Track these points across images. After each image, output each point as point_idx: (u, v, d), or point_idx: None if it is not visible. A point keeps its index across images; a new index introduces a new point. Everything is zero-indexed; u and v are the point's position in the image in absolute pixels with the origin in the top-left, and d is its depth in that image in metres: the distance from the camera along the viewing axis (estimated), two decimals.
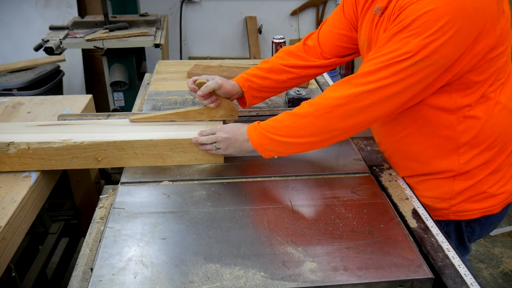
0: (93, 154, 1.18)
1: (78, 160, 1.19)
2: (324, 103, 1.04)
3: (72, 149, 1.17)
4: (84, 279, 0.90)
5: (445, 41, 0.92)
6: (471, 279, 0.88)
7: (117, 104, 3.02)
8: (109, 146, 1.18)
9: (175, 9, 4.03)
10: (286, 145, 1.10)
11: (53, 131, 1.23)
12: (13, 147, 1.15)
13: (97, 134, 1.22)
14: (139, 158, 1.21)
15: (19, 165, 1.18)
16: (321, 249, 0.93)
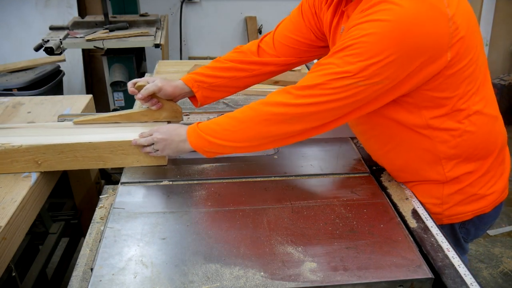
0: (32, 157, 1.17)
1: (18, 164, 1.17)
2: (264, 110, 1.05)
3: (11, 153, 1.15)
4: (84, 279, 0.90)
5: (385, 65, 0.92)
6: (471, 279, 0.88)
7: (117, 104, 3.02)
8: (48, 149, 1.17)
9: (175, 9, 4.03)
10: (225, 148, 1.11)
11: (5, 135, 1.22)
12: None
13: (38, 137, 1.20)
14: (79, 161, 1.20)
15: None
16: (321, 249, 0.93)
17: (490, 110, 1.08)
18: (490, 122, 1.09)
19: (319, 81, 0.97)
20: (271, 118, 1.04)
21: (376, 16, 0.92)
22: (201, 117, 1.40)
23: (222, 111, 1.45)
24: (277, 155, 1.31)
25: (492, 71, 4.44)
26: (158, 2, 3.91)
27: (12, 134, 1.23)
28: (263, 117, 1.05)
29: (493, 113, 1.10)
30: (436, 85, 1.00)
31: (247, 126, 1.07)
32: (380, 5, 0.92)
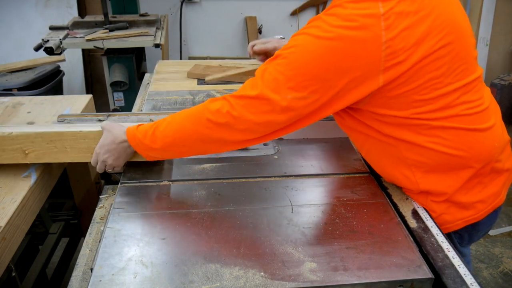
0: (20, 146, 1.15)
1: (5, 153, 1.16)
2: (202, 115, 1.03)
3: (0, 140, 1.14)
4: (84, 279, 0.90)
5: (308, 79, 0.93)
6: (471, 279, 0.88)
7: (117, 104, 3.02)
8: (37, 137, 1.15)
9: (175, 9, 4.03)
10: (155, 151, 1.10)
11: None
12: None
13: (28, 127, 1.20)
14: (68, 153, 1.19)
15: None
16: (321, 249, 0.93)
17: (467, 124, 1.02)
18: (465, 136, 1.03)
19: (253, 94, 0.97)
20: (206, 125, 1.01)
21: (309, 30, 0.94)
22: None
23: None
24: (277, 155, 1.31)
25: (492, 71, 4.43)
26: (158, 2, 3.91)
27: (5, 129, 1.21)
28: (199, 122, 1.02)
29: (471, 126, 1.02)
30: (381, 103, 0.99)
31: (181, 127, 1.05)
32: (316, 21, 0.95)
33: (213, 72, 1.91)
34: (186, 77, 1.94)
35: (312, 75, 0.93)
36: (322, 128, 1.41)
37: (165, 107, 1.63)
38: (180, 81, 1.90)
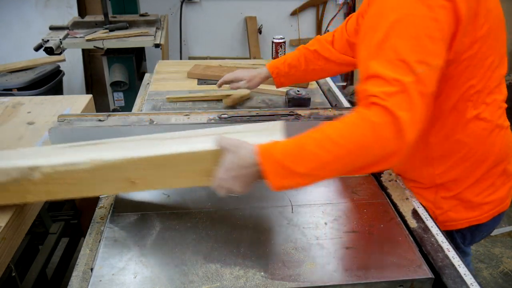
0: (127, 175, 0.96)
1: (111, 183, 0.98)
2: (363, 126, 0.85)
3: (102, 170, 0.94)
4: (84, 279, 0.90)
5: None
6: (471, 279, 0.88)
7: (117, 104, 3.02)
8: (144, 163, 0.94)
9: (175, 9, 4.03)
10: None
11: (83, 151, 1.01)
12: (38, 171, 0.94)
13: (128, 151, 0.97)
14: (182, 178, 0.98)
15: (45, 194, 0.98)
16: (321, 249, 0.93)
17: (496, 118, 1.03)
18: (492, 131, 1.04)
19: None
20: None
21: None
22: (201, 117, 1.40)
23: (222, 110, 1.45)
24: None
25: None
26: (158, 2, 3.91)
27: (100, 149, 1.01)
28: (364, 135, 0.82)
29: (498, 121, 1.04)
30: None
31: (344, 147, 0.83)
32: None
33: (213, 72, 1.91)
34: (186, 77, 1.94)
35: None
36: None
37: (165, 107, 1.63)
38: (180, 81, 1.90)
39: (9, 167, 0.95)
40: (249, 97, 1.71)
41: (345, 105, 1.67)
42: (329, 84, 1.90)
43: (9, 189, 0.97)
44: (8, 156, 1.03)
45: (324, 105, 1.68)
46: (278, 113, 1.44)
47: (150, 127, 1.34)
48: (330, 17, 4.18)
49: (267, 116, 1.41)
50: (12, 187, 0.97)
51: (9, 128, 1.46)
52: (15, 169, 0.95)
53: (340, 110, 1.50)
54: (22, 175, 0.95)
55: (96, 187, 0.99)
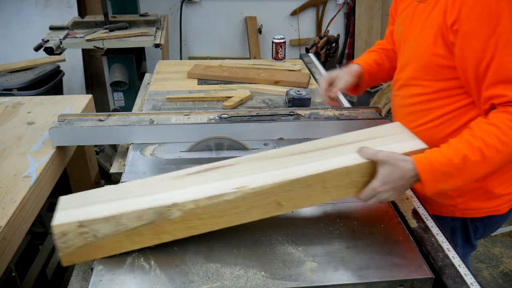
0: (275, 199, 0.93)
1: (258, 209, 0.93)
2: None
3: (250, 198, 0.91)
4: (84, 279, 0.90)
5: None
6: (471, 279, 0.88)
7: (117, 104, 3.02)
8: (294, 185, 0.92)
9: (175, 9, 4.03)
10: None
11: (215, 179, 0.95)
12: (176, 209, 0.88)
13: (267, 173, 0.94)
14: (330, 193, 0.97)
15: (184, 231, 0.91)
16: (321, 249, 0.93)
17: None
18: None
19: None
20: None
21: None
22: (201, 117, 1.40)
23: (222, 110, 1.45)
24: None
25: None
26: (158, 2, 3.91)
27: (234, 174, 0.96)
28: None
29: None
30: None
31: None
32: None
33: (213, 72, 1.91)
34: (186, 77, 1.94)
35: None
36: (322, 128, 1.41)
37: (165, 107, 1.63)
38: (180, 81, 1.90)
39: (140, 209, 0.87)
40: (249, 98, 1.71)
41: (345, 105, 1.67)
42: None
43: (143, 233, 0.89)
44: (116, 196, 0.92)
45: (324, 105, 1.68)
46: (278, 113, 1.44)
47: (150, 127, 1.34)
48: (330, 17, 4.18)
49: (267, 116, 1.41)
50: (146, 231, 0.88)
51: (9, 128, 1.46)
52: (148, 210, 0.87)
53: (340, 110, 1.50)
54: (159, 216, 0.88)
55: (243, 216, 0.94)
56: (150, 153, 1.30)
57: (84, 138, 1.34)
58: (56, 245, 0.85)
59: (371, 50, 1.44)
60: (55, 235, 0.84)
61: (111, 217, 0.86)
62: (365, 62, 1.38)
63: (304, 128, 1.40)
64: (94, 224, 0.85)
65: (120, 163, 1.34)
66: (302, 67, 2.08)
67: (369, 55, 1.42)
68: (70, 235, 0.84)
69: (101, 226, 0.85)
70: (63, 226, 0.84)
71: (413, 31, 1.13)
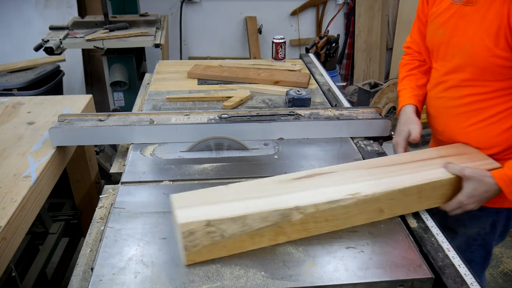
0: (379, 206, 1.01)
1: (363, 215, 1.01)
2: None
3: (361, 204, 0.98)
4: (84, 279, 0.90)
5: None
6: (471, 279, 0.88)
7: (117, 104, 3.02)
8: (398, 194, 1.02)
9: (175, 9, 4.03)
10: None
11: (324, 185, 1.01)
12: (298, 212, 0.92)
13: (373, 181, 1.02)
14: (421, 203, 1.07)
15: (299, 233, 0.96)
16: (321, 249, 0.93)
17: None
18: None
19: None
20: None
21: None
22: (201, 117, 1.40)
23: (222, 110, 1.45)
24: (277, 155, 1.31)
25: None
26: (158, 2, 3.91)
27: (342, 181, 1.03)
28: None
29: None
30: None
31: None
32: None
33: (213, 72, 1.91)
34: (186, 77, 1.94)
35: None
36: (322, 128, 1.41)
37: (166, 107, 1.63)
38: (180, 81, 1.90)
39: (266, 210, 0.90)
40: (250, 98, 1.71)
41: (345, 105, 1.67)
42: (329, 84, 1.90)
43: (264, 234, 0.92)
44: (236, 197, 0.94)
45: (324, 105, 1.68)
46: (278, 113, 1.44)
47: (153, 126, 1.34)
48: (330, 17, 4.19)
49: (267, 116, 1.42)
50: (268, 232, 0.92)
51: (9, 128, 1.46)
52: (274, 212, 0.90)
53: (340, 110, 1.50)
54: (283, 218, 0.91)
55: (350, 220, 1.00)
56: (150, 153, 1.30)
57: (84, 138, 1.34)
58: (182, 244, 0.85)
59: (409, 69, 1.44)
60: (182, 233, 0.84)
61: (238, 218, 0.88)
62: (415, 97, 1.38)
63: (304, 128, 1.41)
64: (222, 224, 0.86)
65: (120, 163, 1.34)
66: (302, 67, 2.08)
67: (412, 83, 1.41)
68: (198, 234, 0.85)
69: (228, 226, 0.87)
70: (190, 224, 0.85)
71: (462, 35, 1.16)
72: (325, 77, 1.99)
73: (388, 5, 4.18)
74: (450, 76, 1.23)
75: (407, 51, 1.50)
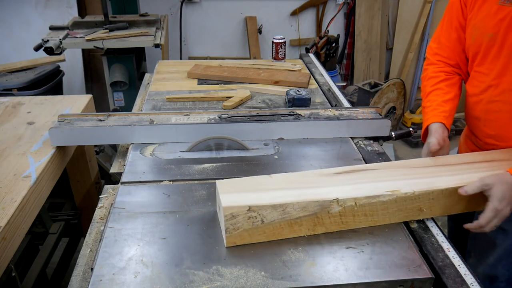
0: (419, 204, 1.03)
1: (402, 213, 1.02)
2: None
3: (400, 201, 1.00)
4: (84, 279, 0.90)
5: None
6: (471, 278, 0.88)
7: (117, 104, 3.02)
8: (439, 194, 1.03)
9: (175, 9, 4.03)
10: None
11: (364, 181, 1.04)
12: (337, 204, 0.96)
13: (414, 180, 1.05)
14: (459, 205, 1.09)
15: (337, 225, 0.99)
16: (321, 249, 0.93)
17: None
18: None
19: None
20: None
21: None
22: (201, 117, 1.40)
23: (222, 110, 1.45)
24: (277, 155, 1.31)
25: None
26: (158, 2, 3.91)
27: (382, 178, 1.06)
28: None
29: None
30: None
31: None
32: None
33: (213, 72, 1.91)
34: (186, 77, 1.94)
35: None
36: (322, 128, 1.41)
37: (165, 107, 1.63)
38: (180, 81, 1.90)
39: (306, 200, 0.95)
40: (249, 98, 1.71)
41: (345, 105, 1.67)
42: (329, 84, 1.90)
43: (302, 223, 0.95)
44: (278, 186, 0.99)
45: (324, 105, 1.68)
46: (278, 113, 1.44)
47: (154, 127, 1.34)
48: (330, 17, 4.18)
49: (267, 116, 1.42)
50: (306, 221, 0.96)
51: (9, 128, 1.46)
52: (313, 202, 0.95)
53: (340, 110, 1.50)
54: (322, 209, 0.95)
55: (388, 217, 1.02)
56: (150, 153, 1.30)
57: (84, 138, 1.34)
58: (224, 226, 0.91)
59: (435, 83, 1.37)
60: (225, 216, 0.90)
61: (279, 205, 0.93)
62: (442, 114, 1.32)
63: (304, 128, 1.41)
64: (263, 210, 0.92)
65: (120, 163, 1.34)
66: (302, 67, 2.08)
67: (439, 98, 1.35)
68: (240, 218, 0.91)
69: (269, 212, 0.93)
70: (233, 208, 0.91)
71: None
72: (325, 77, 1.99)
73: (388, 5, 4.18)
74: (503, 79, 1.21)
75: (432, 59, 1.42)
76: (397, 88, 3.60)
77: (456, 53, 1.36)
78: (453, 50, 1.37)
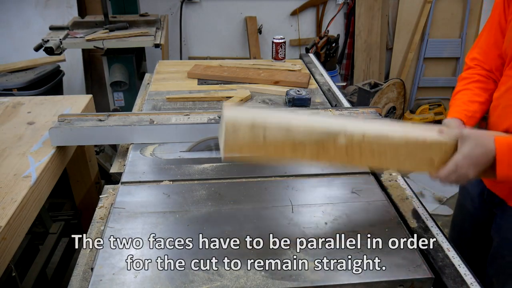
0: (430, 155, 0.98)
1: (411, 161, 0.97)
2: None
3: (411, 146, 0.96)
4: (84, 279, 0.90)
5: None
6: (471, 278, 0.88)
7: (117, 104, 3.02)
8: (451, 147, 0.98)
9: (175, 9, 4.03)
10: None
11: (370, 122, 1.02)
12: (344, 136, 0.93)
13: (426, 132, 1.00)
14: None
15: (342, 158, 0.95)
16: (321, 249, 0.94)
17: None
18: None
19: None
20: None
21: None
22: (201, 117, 1.40)
23: (220, 111, 1.45)
24: None
25: None
26: (158, 2, 3.91)
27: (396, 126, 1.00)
28: None
29: None
30: None
31: None
32: None
33: (213, 73, 1.91)
34: (186, 77, 1.94)
35: None
36: None
37: (165, 107, 1.63)
38: (180, 81, 1.90)
39: (313, 125, 0.91)
40: (249, 98, 1.71)
41: (345, 105, 1.67)
42: (329, 84, 1.90)
43: (306, 148, 0.92)
44: (287, 115, 0.95)
45: (324, 105, 1.68)
46: None
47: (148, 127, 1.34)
48: (330, 17, 4.18)
49: None
50: (310, 146, 0.92)
51: (9, 128, 1.46)
52: (320, 128, 0.91)
53: (340, 110, 1.50)
54: (328, 137, 0.92)
55: (396, 161, 0.97)
56: (150, 153, 1.31)
57: (84, 138, 1.34)
58: (224, 139, 0.86)
59: (466, 83, 1.30)
60: (225, 128, 0.86)
61: (284, 125, 0.89)
62: (464, 112, 1.23)
63: None
64: (266, 127, 0.88)
65: (120, 163, 1.34)
66: (302, 67, 2.08)
67: (465, 97, 1.27)
68: (241, 132, 0.87)
69: (272, 131, 0.88)
70: (236, 120, 0.86)
71: None
72: (325, 77, 1.99)
73: (388, 5, 4.18)
74: None
75: (471, 64, 1.35)
76: (397, 88, 3.60)
77: (491, 58, 1.28)
78: (488, 54, 1.30)
